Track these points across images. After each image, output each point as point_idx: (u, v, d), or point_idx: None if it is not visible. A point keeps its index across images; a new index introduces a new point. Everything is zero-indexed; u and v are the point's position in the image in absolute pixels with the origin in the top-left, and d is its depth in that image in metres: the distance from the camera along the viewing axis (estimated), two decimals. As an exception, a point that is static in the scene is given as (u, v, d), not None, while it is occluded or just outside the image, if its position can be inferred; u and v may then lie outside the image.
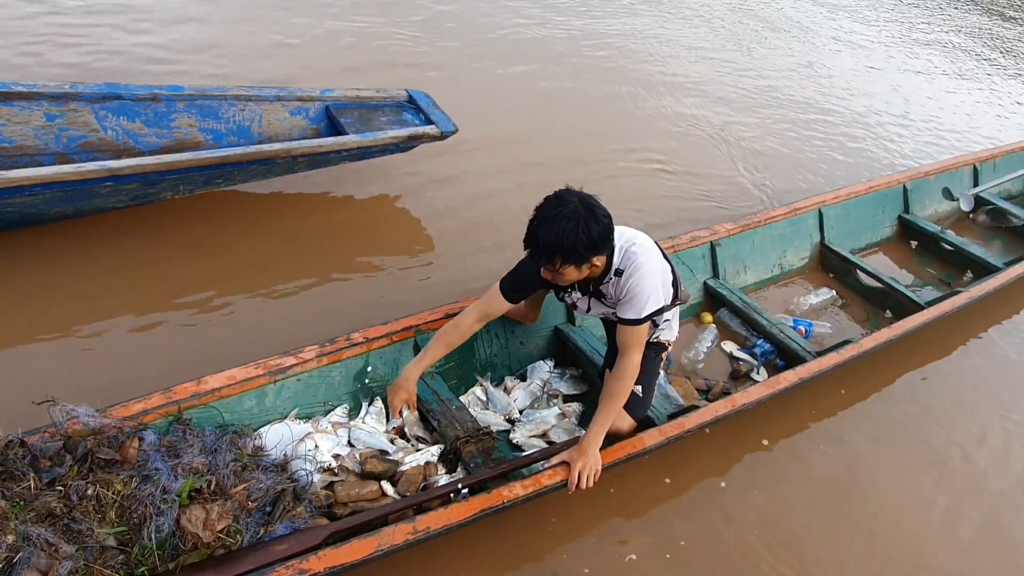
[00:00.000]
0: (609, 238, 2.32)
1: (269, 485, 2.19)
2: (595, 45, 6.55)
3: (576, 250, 2.22)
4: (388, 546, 2.08)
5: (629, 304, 2.41)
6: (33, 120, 3.38)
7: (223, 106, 3.74)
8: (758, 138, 5.53)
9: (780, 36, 7.70)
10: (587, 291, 2.55)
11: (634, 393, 2.56)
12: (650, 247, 2.48)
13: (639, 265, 2.39)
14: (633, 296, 2.40)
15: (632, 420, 2.69)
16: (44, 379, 2.66)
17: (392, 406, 2.58)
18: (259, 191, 3.88)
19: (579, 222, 2.20)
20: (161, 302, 3.21)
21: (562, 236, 2.20)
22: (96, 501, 1.98)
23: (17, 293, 3.11)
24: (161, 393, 2.33)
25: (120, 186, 3.14)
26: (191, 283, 3.32)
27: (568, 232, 2.19)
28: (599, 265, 2.36)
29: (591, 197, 2.29)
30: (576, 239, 2.20)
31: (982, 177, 5.05)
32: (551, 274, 2.35)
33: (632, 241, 2.44)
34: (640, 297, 2.39)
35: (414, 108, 4.06)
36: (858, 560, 2.72)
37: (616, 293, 2.46)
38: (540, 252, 2.26)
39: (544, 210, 2.26)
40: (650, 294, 2.40)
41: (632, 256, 2.41)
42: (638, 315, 2.40)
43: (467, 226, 4.02)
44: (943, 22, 9.14)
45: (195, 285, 3.32)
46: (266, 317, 3.23)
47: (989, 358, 3.83)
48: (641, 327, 2.43)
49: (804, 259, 4.18)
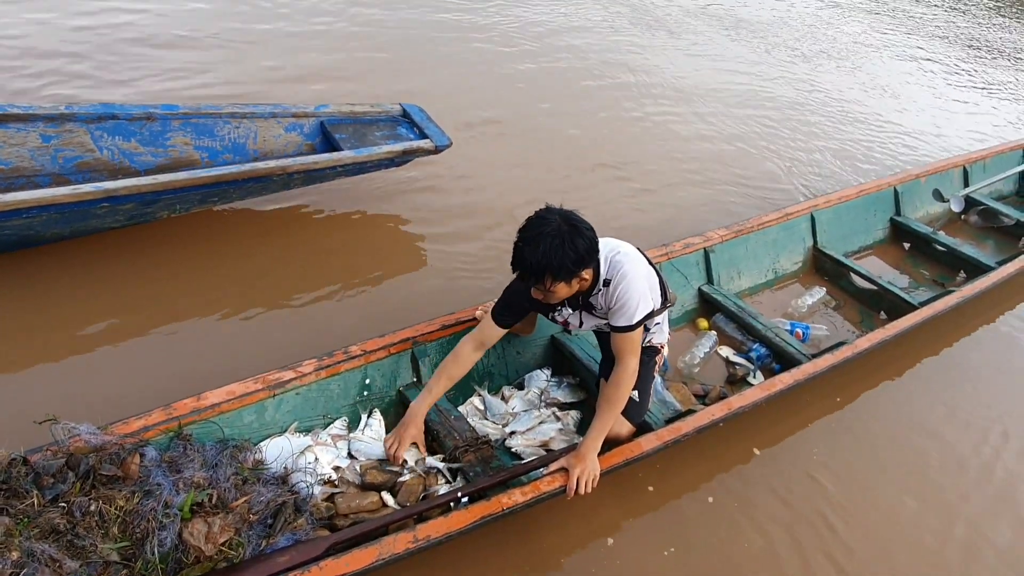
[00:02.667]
0: (594, 250, 2.34)
1: (270, 498, 2.21)
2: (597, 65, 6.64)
3: (564, 266, 2.24)
4: (389, 555, 2.09)
5: (620, 312, 2.44)
6: (29, 141, 3.40)
7: (218, 124, 3.77)
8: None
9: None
10: (577, 305, 2.58)
11: (631, 399, 2.58)
12: (633, 253, 2.51)
13: (625, 272, 2.42)
14: (623, 304, 2.42)
15: (631, 426, 2.71)
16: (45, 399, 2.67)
17: (400, 441, 2.56)
18: (255, 208, 3.92)
19: (564, 239, 2.22)
20: (159, 320, 3.23)
21: (549, 254, 2.22)
22: (99, 517, 2.00)
23: (16, 315, 3.13)
24: (161, 409, 2.35)
25: (116, 207, 3.16)
26: (189, 300, 3.35)
27: (555, 249, 2.22)
28: (587, 279, 2.39)
29: (572, 212, 2.32)
30: (564, 255, 2.22)
31: (972, 178, 5.09)
32: (542, 293, 2.37)
33: (616, 250, 2.48)
34: (630, 304, 2.42)
35: (408, 122, 4.09)
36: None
37: (606, 303, 2.49)
38: (529, 273, 2.27)
39: (527, 230, 2.27)
40: (639, 300, 2.43)
41: (617, 264, 2.44)
42: (630, 321, 2.43)
43: (462, 238, 4.05)
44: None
45: (193, 302, 3.34)
46: (264, 332, 3.25)
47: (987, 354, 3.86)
48: (634, 333, 2.46)
49: (798, 263, 4.22)
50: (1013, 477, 3.17)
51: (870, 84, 7.30)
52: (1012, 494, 3.10)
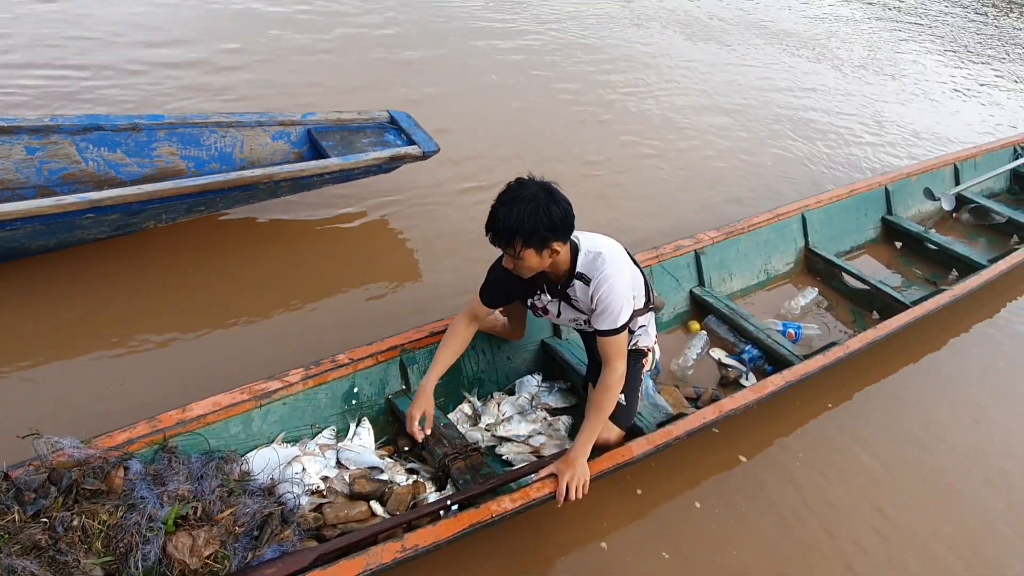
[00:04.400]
0: (569, 223, 2.32)
1: (256, 509, 2.18)
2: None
3: (537, 230, 2.24)
4: (376, 565, 2.07)
5: (603, 316, 2.43)
6: (14, 154, 3.38)
7: (204, 133, 3.75)
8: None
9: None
10: (555, 293, 2.57)
11: (618, 403, 2.56)
12: (616, 254, 2.49)
13: (607, 276, 2.40)
14: (605, 307, 2.41)
15: (619, 430, 2.69)
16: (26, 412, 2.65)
17: (410, 417, 2.57)
18: (242, 216, 3.89)
19: (539, 203, 2.23)
20: (145, 330, 3.20)
21: (522, 216, 2.22)
22: (82, 532, 1.97)
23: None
24: (146, 422, 2.32)
25: (102, 217, 3.14)
26: (175, 310, 3.32)
27: (528, 213, 2.22)
28: (559, 253, 2.35)
29: (551, 183, 2.32)
30: (536, 219, 2.22)
31: (963, 177, 5.10)
32: (512, 262, 2.36)
33: (599, 249, 2.46)
34: (613, 307, 2.40)
35: (396, 129, 4.08)
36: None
37: (585, 301, 2.48)
38: (500, 234, 2.27)
39: (505, 194, 2.29)
40: (622, 303, 2.41)
41: (599, 266, 2.42)
42: (614, 325, 2.42)
43: (450, 244, 4.03)
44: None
45: (178, 312, 3.31)
46: (250, 342, 3.23)
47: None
48: (619, 336, 2.44)
49: (789, 264, 4.20)
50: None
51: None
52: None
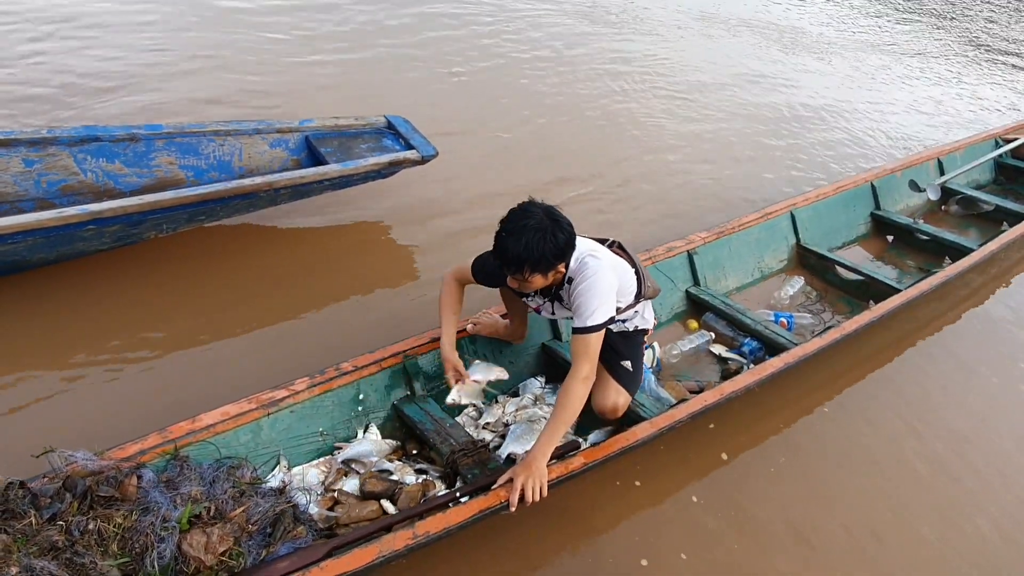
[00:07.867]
0: (572, 244, 2.39)
1: (268, 507, 2.21)
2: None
3: (544, 259, 2.30)
4: (389, 551, 2.09)
5: (577, 312, 2.44)
6: (11, 167, 3.38)
7: (202, 142, 3.77)
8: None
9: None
10: (548, 295, 2.62)
11: (624, 368, 2.65)
12: (602, 257, 2.52)
13: (586, 276, 2.44)
14: (579, 305, 2.43)
15: (627, 394, 2.77)
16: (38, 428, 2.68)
17: (448, 379, 2.71)
18: (243, 224, 3.90)
19: (545, 232, 2.29)
20: (150, 343, 3.21)
21: (531, 246, 2.28)
22: (98, 535, 2.00)
23: (3, 344, 3.09)
24: (157, 433, 2.37)
25: (102, 229, 3.14)
26: (180, 321, 3.33)
27: (536, 242, 2.28)
28: (562, 271, 2.44)
29: (553, 208, 2.38)
30: (544, 248, 2.28)
31: (947, 170, 5.18)
32: (518, 283, 2.42)
33: (591, 251, 2.51)
34: (586, 306, 2.41)
35: (393, 134, 4.11)
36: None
37: (569, 299, 2.52)
38: (509, 263, 2.33)
39: (510, 222, 2.33)
40: (598, 304, 2.41)
41: (583, 267, 2.46)
42: (583, 323, 2.41)
43: (450, 249, 4.03)
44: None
45: (184, 323, 3.33)
46: (256, 351, 3.24)
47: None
48: (590, 336, 2.41)
49: (783, 261, 4.27)
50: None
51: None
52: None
